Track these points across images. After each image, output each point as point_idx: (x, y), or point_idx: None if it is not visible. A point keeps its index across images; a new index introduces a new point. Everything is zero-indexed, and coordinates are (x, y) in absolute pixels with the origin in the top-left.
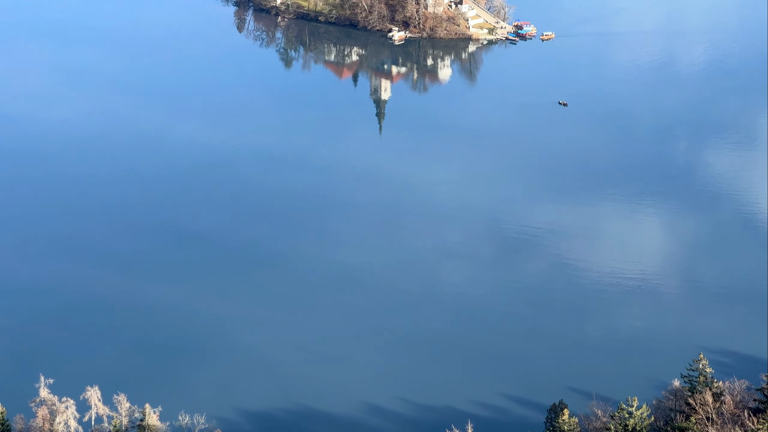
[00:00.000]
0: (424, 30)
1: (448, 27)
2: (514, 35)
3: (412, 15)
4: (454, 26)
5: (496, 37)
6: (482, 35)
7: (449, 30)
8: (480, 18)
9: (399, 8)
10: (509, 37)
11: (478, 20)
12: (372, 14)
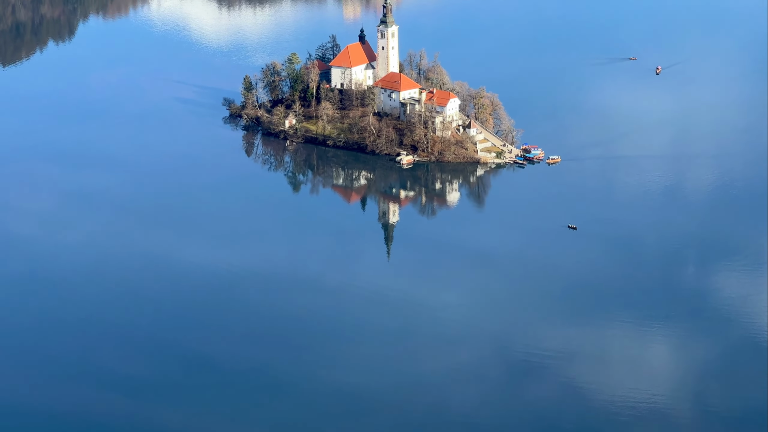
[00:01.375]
0: (433, 154)
1: (456, 151)
2: (522, 159)
3: (420, 139)
4: (463, 150)
5: (504, 160)
6: (490, 159)
7: (457, 154)
8: (488, 141)
9: (407, 132)
10: (517, 161)
11: (486, 144)
12: (380, 138)
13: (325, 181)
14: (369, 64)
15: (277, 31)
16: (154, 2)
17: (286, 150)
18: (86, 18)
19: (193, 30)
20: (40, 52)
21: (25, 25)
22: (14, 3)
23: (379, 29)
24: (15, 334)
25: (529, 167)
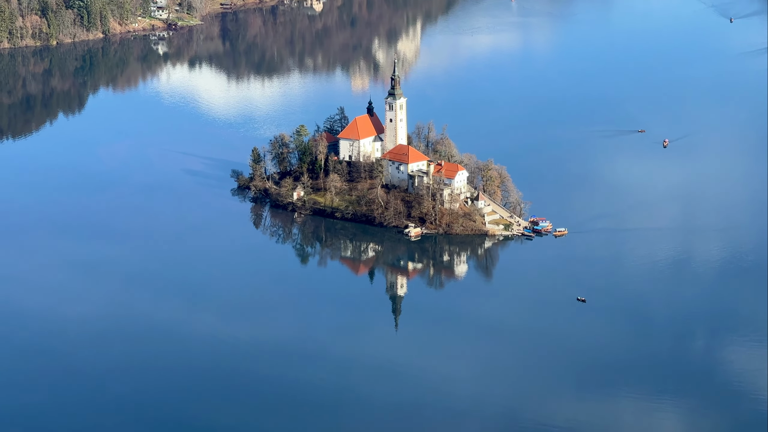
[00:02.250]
0: (441, 226)
1: (464, 223)
2: (530, 231)
3: (429, 211)
4: (471, 222)
5: (512, 232)
6: (498, 231)
7: (465, 226)
8: (496, 214)
9: (415, 204)
10: (525, 233)
11: (494, 216)
12: (388, 210)
13: (333, 253)
14: (377, 136)
15: (286, 104)
16: (164, 74)
17: (294, 222)
18: (96, 91)
19: (202, 102)
20: (50, 125)
21: (35, 98)
22: (25, 76)
23: (387, 101)
24: (23, 408)
25: (537, 239)
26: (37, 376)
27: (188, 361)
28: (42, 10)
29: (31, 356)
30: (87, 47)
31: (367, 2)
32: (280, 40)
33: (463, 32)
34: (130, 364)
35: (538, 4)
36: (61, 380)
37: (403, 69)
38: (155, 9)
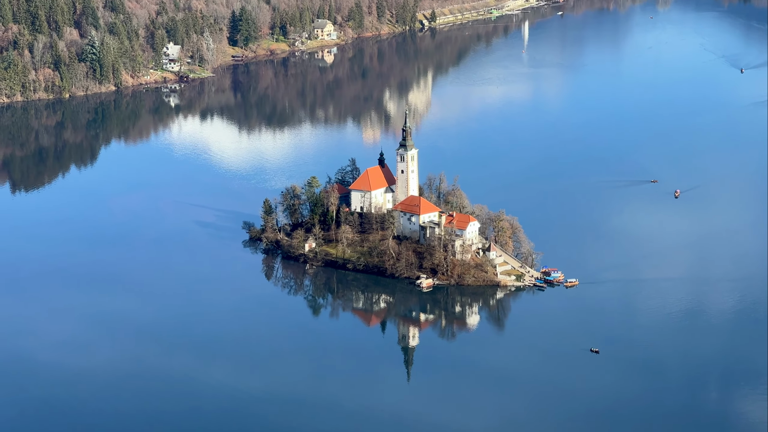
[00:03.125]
0: (452, 277)
1: (476, 274)
2: (541, 281)
3: (440, 262)
4: (482, 273)
5: (524, 283)
6: (510, 282)
7: (477, 277)
8: (508, 265)
9: (427, 255)
10: (537, 284)
11: (506, 267)
12: (400, 262)
13: (345, 304)
14: (388, 187)
15: (297, 155)
16: (175, 126)
17: (305, 273)
18: (108, 143)
19: (214, 154)
20: (62, 177)
21: (48, 151)
22: (37, 129)
23: (398, 153)
24: None
25: (549, 290)
26: (48, 429)
27: (200, 414)
28: (55, 64)
29: (42, 409)
30: (99, 100)
31: (378, 54)
32: (291, 91)
33: (474, 83)
34: (141, 417)
35: (548, 54)
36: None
37: (415, 120)
38: (167, 61)
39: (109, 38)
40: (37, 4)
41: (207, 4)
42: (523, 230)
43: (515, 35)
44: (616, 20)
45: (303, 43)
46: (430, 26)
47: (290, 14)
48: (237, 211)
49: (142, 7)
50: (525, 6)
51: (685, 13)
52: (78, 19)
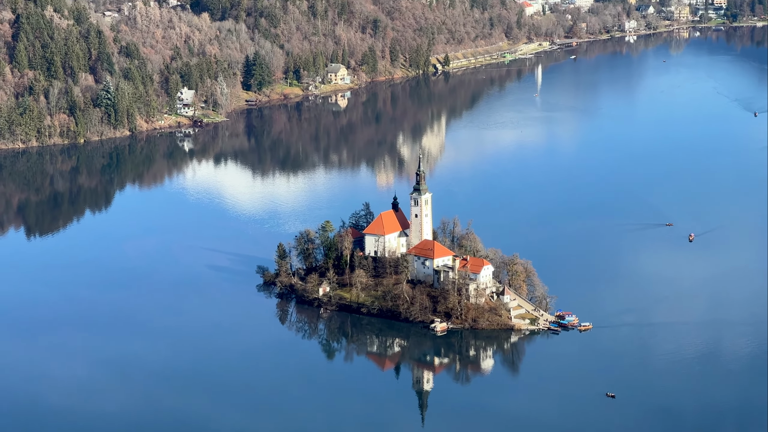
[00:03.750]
0: (467, 321)
1: (490, 318)
2: (556, 325)
3: (454, 306)
4: (496, 317)
5: (538, 327)
6: (524, 325)
7: (491, 321)
8: (522, 308)
9: (441, 299)
10: (551, 328)
11: (520, 310)
12: (414, 306)
13: (359, 348)
14: (402, 231)
15: (311, 199)
16: (189, 171)
17: (320, 318)
18: (123, 187)
19: (228, 198)
20: (77, 222)
21: (62, 196)
22: (52, 174)
23: (412, 197)
24: None
25: (563, 334)
26: None
27: None
28: (70, 109)
29: None
30: (114, 145)
31: (391, 98)
32: (305, 135)
33: (488, 127)
34: None
35: (562, 98)
36: None
37: (428, 164)
38: (181, 106)
39: (123, 83)
40: (53, 50)
41: (221, 49)
42: (537, 274)
43: (528, 79)
44: (629, 64)
45: (317, 87)
46: (443, 70)
47: (304, 59)
48: (251, 256)
49: (156, 53)
50: (538, 50)
51: (698, 57)
52: (93, 64)
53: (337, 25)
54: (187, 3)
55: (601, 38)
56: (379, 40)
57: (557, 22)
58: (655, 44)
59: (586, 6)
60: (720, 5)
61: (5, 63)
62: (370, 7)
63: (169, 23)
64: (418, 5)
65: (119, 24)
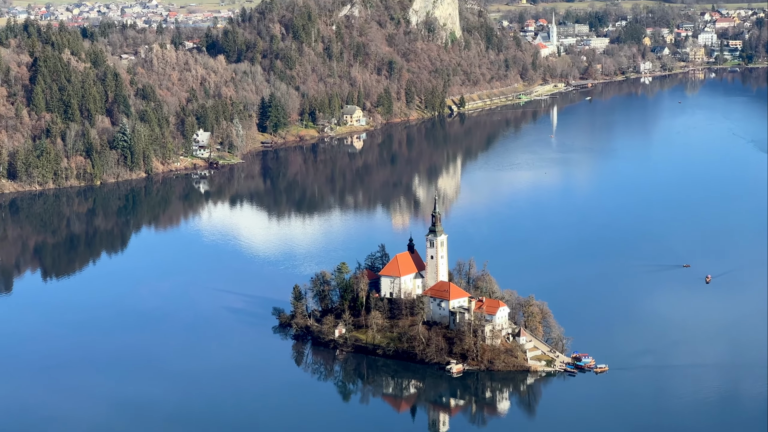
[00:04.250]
0: (483, 362)
1: (506, 359)
2: (572, 367)
3: (470, 347)
4: (512, 358)
5: (554, 369)
6: (540, 367)
7: (507, 362)
8: (538, 350)
9: (457, 341)
10: (568, 369)
11: (536, 352)
12: (430, 347)
13: (375, 390)
14: (418, 273)
15: (327, 241)
16: (205, 213)
17: (335, 359)
18: (139, 229)
19: (243, 240)
20: (93, 264)
21: (79, 238)
22: (69, 216)
23: (428, 238)
24: None
25: (580, 375)
26: None
27: None
28: (87, 151)
29: None
30: (130, 186)
31: (407, 139)
32: (320, 177)
33: (503, 168)
34: None
35: (577, 140)
36: None
37: (444, 206)
38: (197, 148)
39: (140, 125)
40: (70, 93)
41: (237, 91)
42: (552, 315)
43: (544, 120)
44: (645, 105)
45: (332, 129)
46: (458, 111)
47: (319, 100)
48: (267, 297)
49: (172, 95)
50: (553, 91)
51: (713, 98)
52: (110, 107)
53: (352, 66)
54: (203, 45)
55: (616, 79)
56: (394, 82)
57: (572, 63)
58: (670, 85)
59: (601, 47)
60: (735, 46)
61: (23, 106)
62: (385, 49)
63: (185, 65)
64: (434, 47)
65: (136, 66)
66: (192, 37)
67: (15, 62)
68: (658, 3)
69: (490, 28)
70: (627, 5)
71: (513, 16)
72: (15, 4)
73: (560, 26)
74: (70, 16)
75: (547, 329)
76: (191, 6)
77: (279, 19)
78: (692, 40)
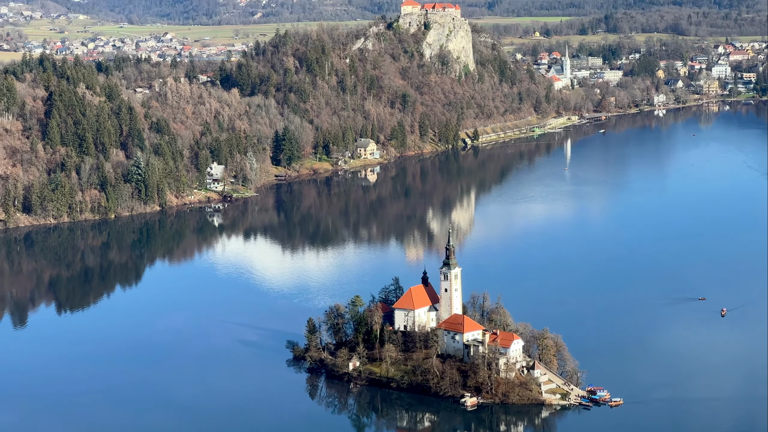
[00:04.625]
0: (497, 395)
1: (520, 392)
2: (587, 400)
3: (485, 380)
4: (527, 391)
5: (569, 402)
6: (555, 400)
7: (522, 395)
8: (552, 383)
9: (471, 374)
10: (582, 403)
11: (551, 385)
12: (444, 380)
13: (389, 423)
14: (432, 306)
15: (341, 274)
16: (219, 246)
17: (350, 392)
18: (153, 263)
19: (257, 273)
20: (107, 297)
21: (93, 271)
22: (83, 249)
23: (442, 271)
24: None
25: (595, 409)
26: None
27: None
28: (101, 185)
29: None
30: (144, 220)
31: (420, 172)
32: (334, 210)
33: (517, 201)
34: None
35: (591, 173)
36: None
37: (458, 239)
38: (211, 181)
39: (154, 159)
40: (85, 127)
41: (250, 124)
42: (567, 348)
43: (557, 153)
44: (659, 138)
45: (346, 162)
46: (472, 144)
47: (333, 133)
48: (281, 330)
49: (186, 128)
50: (567, 124)
51: (727, 130)
52: (124, 140)
53: (366, 99)
54: (217, 79)
55: (630, 112)
56: (408, 115)
57: (586, 96)
58: (684, 118)
59: (615, 80)
60: (749, 79)
61: (38, 140)
62: (399, 82)
63: (199, 99)
64: (447, 80)
65: (150, 100)
66: (206, 70)
67: (30, 96)
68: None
69: (503, 61)
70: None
71: (526, 49)
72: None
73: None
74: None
75: (561, 362)
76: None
77: (293, 52)
78: (706, 72)
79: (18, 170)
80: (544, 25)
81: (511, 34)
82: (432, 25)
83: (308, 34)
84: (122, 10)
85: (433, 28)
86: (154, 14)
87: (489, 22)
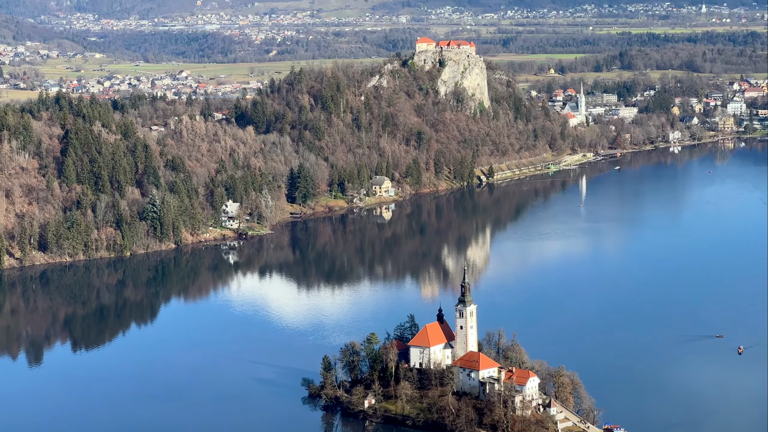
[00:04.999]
0: None
1: (536, 430)
2: None
3: (500, 418)
4: (543, 429)
5: None
6: None
7: None
8: (569, 421)
9: (487, 411)
10: None
11: (567, 423)
12: (459, 418)
13: None
14: (447, 343)
15: (356, 312)
16: (234, 284)
17: (365, 430)
18: (168, 301)
19: (272, 311)
20: (122, 335)
21: (108, 309)
22: (99, 287)
23: (457, 309)
24: None
25: None
26: None
27: None
28: (117, 223)
29: None
30: (159, 258)
31: (436, 209)
32: (349, 248)
33: (533, 238)
34: None
35: (606, 209)
36: None
37: (473, 276)
38: (226, 219)
39: (169, 197)
40: (101, 165)
41: (265, 162)
42: (583, 386)
43: (573, 190)
44: (674, 175)
45: (361, 199)
46: (487, 181)
47: (348, 171)
48: (296, 368)
49: (201, 166)
50: (582, 161)
51: (743, 167)
52: (139, 178)
53: (381, 137)
54: (232, 116)
55: (645, 149)
56: (423, 152)
57: (601, 133)
58: (699, 155)
59: (630, 117)
60: (765, 116)
61: (54, 178)
62: (414, 120)
63: (215, 136)
64: (462, 117)
65: (165, 138)
66: (221, 108)
67: (47, 134)
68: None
69: (518, 98)
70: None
71: (541, 86)
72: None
73: (588, 96)
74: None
75: (578, 400)
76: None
77: (307, 89)
78: (721, 109)
79: (34, 208)
80: (558, 62)
81: (526, 71)
82: (447, 62)
83: (323, 71)
84: (138, 49)
85: (448, 66)
86: (169, 52)
87: (504, 59)
